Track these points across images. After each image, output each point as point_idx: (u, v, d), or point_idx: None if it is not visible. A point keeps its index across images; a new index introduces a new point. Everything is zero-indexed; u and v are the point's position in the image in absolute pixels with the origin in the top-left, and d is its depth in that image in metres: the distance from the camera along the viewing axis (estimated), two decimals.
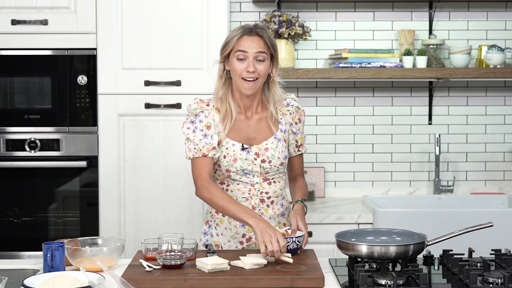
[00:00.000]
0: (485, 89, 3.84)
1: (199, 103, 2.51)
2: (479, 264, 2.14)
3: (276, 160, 2.47)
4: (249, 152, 2.45)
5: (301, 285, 2.00)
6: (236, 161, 2.45)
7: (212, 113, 2.49)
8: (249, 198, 2.48)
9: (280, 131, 2.52)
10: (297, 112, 2.59)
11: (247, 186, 2.48)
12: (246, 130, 2.50)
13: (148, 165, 3.34)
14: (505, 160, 3.86)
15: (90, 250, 2.19)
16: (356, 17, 3.80)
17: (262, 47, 2.42)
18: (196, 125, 2.48)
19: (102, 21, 3.30)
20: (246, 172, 2.46)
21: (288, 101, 2.58)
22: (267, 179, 2.49)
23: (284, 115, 2.55)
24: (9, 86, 3.38)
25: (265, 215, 2.48)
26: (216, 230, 2.53)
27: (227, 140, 2.46)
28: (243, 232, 2.48)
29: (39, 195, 3.40)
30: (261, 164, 2.46)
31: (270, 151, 2.47)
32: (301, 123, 2.60)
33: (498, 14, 3.81)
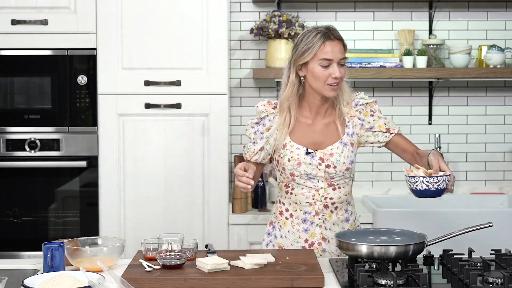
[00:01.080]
0: (485, 89, 3.84)
1: (265, 105, 2.52)
2: (479, 264, 2.14)
3: (341, 166, 2.43)
4: (314, 157, 2.42)
5: (301, 285, 2.00)
6: (300, 165, 2.43)
7: (277, 117, 2.49)
8: (312, 203, 2.46)
9: (347, 135, 2.46)
10: (366, 107, 2.51)
11: (311, 191, 2.45)
12: (312, 134, 2.46)
13: (148, 165, 3.34)
14: (505, 160, 3.86)
15: (90, 250, 2.18)
16: (356, 17, 3.80)
17: (342, 52, 2.40)
18: (259, 128, 2.50)
19: (102, 21, 3.30)
20: (311, 177, 2.43)
21: (357, 101, 2.51)
22: (332, 185, 2.45)
23: (353, 117, 2.49)
24: (9, 86, 3.38)
25: (329, 220, 2.47)
26: (280, 232, 2.52)
27: (292, 143, 2.45)
28: (306, 237, 2.47)
29: (39, 195, 3.40)
30: (326, 169, 2.42)
31: (335, 156, 2.42)
32: (376, 113, 2.52)
33: (498, 14, 3.81)
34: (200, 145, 3.33)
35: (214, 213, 3.33)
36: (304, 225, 2.47)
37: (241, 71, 3.81)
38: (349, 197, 2.53)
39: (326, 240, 2.47)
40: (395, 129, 2.51)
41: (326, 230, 2.47)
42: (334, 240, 2.45)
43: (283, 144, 2.45)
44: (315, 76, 2.40)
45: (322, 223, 2.46)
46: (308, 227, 2.47)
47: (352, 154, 2.46)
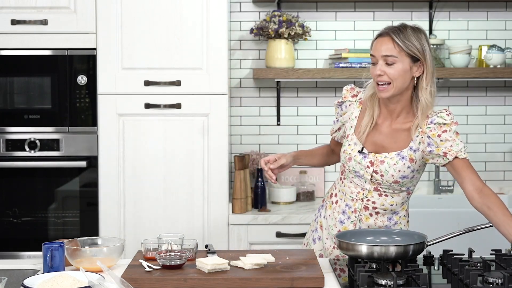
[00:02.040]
0: (485, 89, 3.84)
1: (348, 91, 2.51)
2: (479, 264, 2.13)
3: (389, 177, 2.35)
4: (365, 157, 2.38)
5: (301, 285, 2.00)
6: (350, 161, 2.41)
7: (353, 106, 2.48)
8: (354, 200, 2.45)
9: (410, 149, 2.35)
10: (441, 127, 2.31)
11: (357, 188, 2.43)
12: (377, 135, 2.41)
13: (148, 165, 3.34)
14: (505, 160, 3.86)
15: (90, 250, 2.18)
16: (356, 17, 3.80)
17: (390, 49, 2.28)
18: (338, 111, 2.53)
19: (102, 21, 3.30)
20: (358, 175, 2.41)
21: (433, 119, 2.32)
22: (378, 190, 2.40)
23: (423, 133, 2.33)
24: (9, 86, 3.38)
25: (364, 222, 2.44)
26: (325, 212, 2.55)
27: (353, 136, 2.43)
28: (340, 228, 2.46)
29: (39, 195, 3.40)
30: (373, 174, 2.37)
31: (385, 165, 2.35)
32: (447, 133, 2.31)
33: (498, 14, 3.81)
34: (200, 145, 3.33)
35: (214, 213, 3.33)
36: (342, 216, 2.47)
37: (241, 71, 3.81)
38: (397, 207, 2.43)
39: None
40: (453, 155, 2.31)
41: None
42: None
43: (347, 135, 2.46)
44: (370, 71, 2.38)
45: (357, 222, 2.45)
46: (344, 219, 2.47)
47: (408, 169, 2.35)
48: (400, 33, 2.30)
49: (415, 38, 2.31)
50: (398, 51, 2.29)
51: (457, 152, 2.32)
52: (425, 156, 2.37)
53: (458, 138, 2.34)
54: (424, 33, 2.37)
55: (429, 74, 2.33)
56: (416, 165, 2.37)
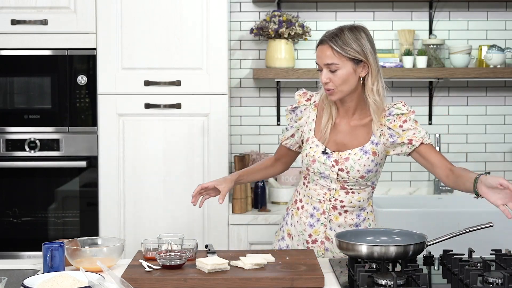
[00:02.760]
0: (485, 89, 3.84)
1: (301, 96, 2.51)
2: (479, 264, 2.14)
3: (355, 173, 2.38)
4: (329, 157, 2.40)
5: (301, 285, 2.00)
6: (314, 163, 2.42)
7: (309, 109, 2.48)
8: (322, 201, 2.45)
9: (371, 142, 2.39)
10: (400, 118, 2.37)
11: (323, 189, 2.44)
12: (337, 134, 2.43)
13: (148, 165, 3.34)
14: (505, 160, 3.86)
15: (90, 250, 2.18)
16: (356, 17, 3.80)
17: (330, 57, 2.31)
18: (292, 117, 2.52)
19: (102, 21, 3.30)
20: (324, 176, 2.42)
21: (391, 111, 2.39)
22: (345, 188, 2.42)
23: (382, 126, 2.38)
24: (9, 86, 3.38)
25: (335, 222, 2.45)
26: (291, 219, 2.54)
27: (313, 139, 2.44)
28: (310, 232, 2.47)
29: (39, 195, 3.40)
30: (339, 173, 2.39)
31: (350, 162, 2.38)
32: (408, 123, 2.36)
33: (498, 14, 3.81)
34: (200, 145, 3.33)
35: (214, 213, 3.33)
36: (310, 219, 2.47)
37: (241, 71, 3.81)
38: (364, 203, 2.47)
39: (330, 240, 2.46)
40: (418, 141, 2.36)
41: (330, 230, 2.46)
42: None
43: (307, 138, 2.46)
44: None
45: (327, 223, 2.46)
46: (313, 223, 2.47)
47: (372, 163, 2.38)
48: (338, 39, 2.31)
49: (353, 41, 2.32)
50: (338, 57, 2.31)
51: (422, 138, 2.37)
52: (387, 149, 2.42)
53: (418, 125, 2.39)
54: (363, 31, 2.36)
55: (374, 73, 2.35)
56: (378, 158, 2.41)
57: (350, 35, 2.32)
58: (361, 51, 2.32)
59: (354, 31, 2.34)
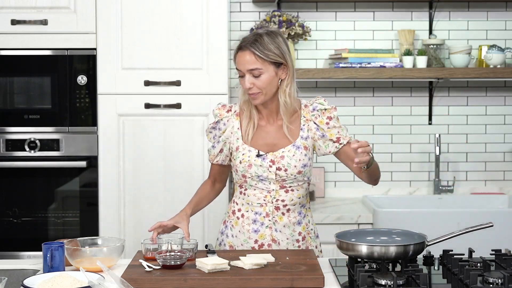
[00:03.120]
0: (485, 89, 3.84)
1: (220, 109, 2.54)
2: (479, 264, 2.14)
3: (293, 169, 2.42)
4: (264, 159, 2.43)
5: (301, 285, 2.00)
6: (251, 167, 2.43)
7: (232, 120, 2.50)
8: (263, 205, 2.46)
9: (301, 138, 2.46)
10: (324, 113, 2.48)
11: (263, 193, 2.46)
12: (266, 136, 2.47)
13: (148, 165, 3.34)
14: (505, 160, 3.86)
15: (90, 250, 2.18)
16: (356, 17, 3.80)
17: (253, 62, 2.36)
18: (216, 133, 2.53)
19: (102, 21, 3.30)
20: (262, 179, 2.44)
21: (315, 106, 2.49)
22: (284, 187, 2.45)
23: (309, 121, 2.47)
24: (9, 86, 3.38)
25: (279, 223, 2.47)
26: (232, 231, 2.53)
27: (244, 146, 2.46)
28: (256, 237, 2.47)
29: (39, 195, 3.40)
30: (277, 172, 2.42)
31: (286, 159, 2.42)
32: (332, 120, 2.47)
33: (498, 14, 3.81)
34: (200, 145, 3.33)
35: (214, 213, 3.33)
36: (254, 225, 2.47)
37: None
38: (303, 199, 2.52)
39: (276, 242, 2.47)
40: (345, 139, 2.47)
41: (276, 232, 2.47)
42: (284, 242, 2.47)
43: (236, 147, 2.47)
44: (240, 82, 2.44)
45: (272, 224, 2.47)
46: (258, 228, 2.47)
47: (305, 157, 2.45)
48: (258, 44, 2.37)
49: (272, 45, 2.38)
50: (261, 62, 2.36)
51: (348, 136, 2.48)
52: (315, 143, 2.49)
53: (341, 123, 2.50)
54: (279, 34, 2.43)
55: (290, 75, 2.43)
56: (310, 153, 2.48)
57: (269, 40, 2.38)
58: (281, 54, 2.39)
59: (272, 35, 2.41)
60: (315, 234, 2.58)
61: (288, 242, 2.47)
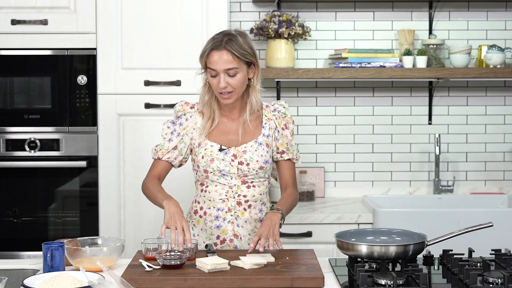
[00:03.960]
0: (485, 89, 3.84)
1: (183, 105, 2.55)
2: (479, 264, 2.14)
3: (255, 164, 2.46)
4: (227, 153, 2.46)
5: (301, 285, 2.00)
6: (213, 162, 2.45)
7: (195, 116, 2.52)
8: (225, 200, 2.48)
9: (263, 135, 2.51)
10: (284, 119, 2.55)
11: (225, 188, 2.48)
12: (228, 132, 2.50)
13: (148, 165, 3.32)
14: (505, 160, 3.86)
15: (90, 250, 2.19)
16: (356, 17, 3.80)
17: (230, 62, 2.37)
18: (176, 127, 2.52)
19: (102, 21, 3.30)
20: (224, 174, 2.46)
21: (276, 107, 2.56)
22: (245, 182, 2.48)
23: (270, 120, 2.53)
24: (9, 86, 3.38)
25: (241, 218, 2.48)
26: (193, 231, 2.54)
27: (206, 141, 2.48)
28: (218, 233, 2.49)
29: (39, 195, 3.40)
30: (239, 166, 2.45)
31: (248, 154, 2.46)
32: (288, 130, 2.55)
33: (498, 14, 3.81)
34: None
35: None
36: (216, 222, 2.49)
37: None
38: (264, 197, 2.54)
39: (238, 237, 2.48)
40: (288, 156, 2.53)
41: (238, 227, 2.48)
42: (246, 238, 2.49)
43: (199, 143, 2.49)
44: (209, 83, 2.45)
45: (234, 219, 2.48)
46: (220, 223, 2.48)
47: (267, 154, 2.49)
48: (234, 44, 2.39)
49: (246, 45, 2.42)
50: (238, 62, 2.39)
51: (293, 156, 2.55)
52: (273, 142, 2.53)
53: (293, 139, 2.57)
54: (247, 35, 2.48)
55: (259, 74, 2.49)
56: (270, 150, 2.52)
57: (242, 40, 2.42)
58: (253, 54, 2.44)
59: (243, 35, 2.45)
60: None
61: (250, 238, 2.49)
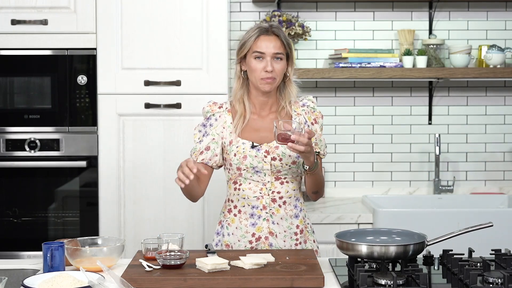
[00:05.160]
0: (485, 89, 3.84)
1: (211, 106, 2.56)
2: (479, 264, 2.14)
3: (287, 158, 2.45)
4: (259, 150, 2.45)
5: (301, 285, 2.00)
6: (246, 159, 2.44)
7: (224, 115, 2.52)
8: (260, 197, 2.47)
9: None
10: (313, 113, 2.56)
11: (259, 185, 2.47)
12: (259, 129, 2.50)
13: (148, 165, 3.34)
14: (505, 160, 3.86)
15: (90, 250, 2.19)
16: (356, 17, 3.80)
17: (279, 47, 2.44)
18: (207, 129, 2.53)
19: (102, 21, 3.30)
20: (257, 170, 2.45)
21: (305, 102, 2.57)
22: (279, 178, 2.47)
23: (299, 115, 2.53)
24: (9, 86, 3.38)
25: (276, 215, 2.48)
26: (228, 230, 2.52)
27: (237, 139, 2.47)
28: (253, 231, 2.47)
29: (39, 195, 3.40)
30: (272, 162, 2.44)
31: (281, 149, 2.44)
32: (317, 124, 2.55)
33: (498, 14, 3.81)
34: None
35: (214, 213, 3.33)
36: (251, 219, 2.48)
37: None
38: (297, 193, 2.54)
39: (274, 234, 2.48)
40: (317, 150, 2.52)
41: (273, 224, 2.47)
42: (281, 235, 2.48)
43: (230, 141, 2.49)
44: (251, 69, 2.46)
45: (269, 217, 2.47)
46: (255, 221, 2.48)
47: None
48: (281, 32, 2.48)
49: (287, 36, 2.53)
50: (283, 49, 2.47)
51: (322, 149, 2.56)
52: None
53: (322, 135, 2.57)
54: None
55: (293, 68, 2.54)
56: None
57: (284, 32, 2.50)
58: (291, 46, 2.52)
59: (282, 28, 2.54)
60: (311, 228, 2.59)
61: (285, 235, 2.48)
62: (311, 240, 2.56)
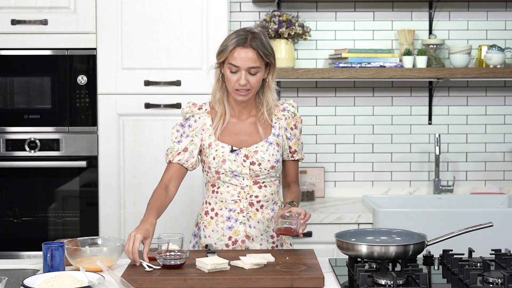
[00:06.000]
0: (485, 89, 3.84)
1: (191, 107, 2.55)
2: (479, 264, 2.14)
3: (266, 163, 2.46)
4: (238, 154, 2.45)
5: (301, 285, 2.00)
6: (225, 162, 2.45)
7: (203, 117, 2.52)
8: (237, 201, 2.47)
9: (273, 135, 2.51)
10: (293, 118, 2.56)
11: (237, 189, 2.47)
12: (238, 133, 2.50)
13: (148, 165, 3.34)
14: (505, 160, 3.86)
15: (90, 250, 2.19)
16: (356, 17, 3.80)
17: (254, 60, 2.38)
18: (185, 130, 2.52)
19: (102, 21, 3.30)
20: (236, 174, 2.45)
21: (285, 106, 2.56)
22: (257, 182, 2.48)
23: (279, 119, 2.53)
24: (9, 86, 3.38)
25: (254, 219, 2.48)
26: (204, 232, 2.53)
27: (217, 142, 2.47)
28: (230, 234, 2.48)
29: (39, 195, 3.40)
30: (251, 167, 2.45)
31: (260, 154, 2.45)
32: (297, 130, 2.57)
33: (498, 14, 3.81)
34: None
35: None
36: (228, 222, 2.48)
37: None
38: (275, 196, 2.54)
39: (250, 238, 2.48)
40: (298, 156, 2.57)
41: (250, 228, 2.48)
42: (258, 238, 2.48)
43: (209, 144, 2.48)
44: (226, 78, 2.44)
45: (246, 220, 2.47)
46: (232, 224, 2.48)
47: (277, 153, 2.50)
48: (260, 43, 2.41)
49: (267, 44, 2.44)
50: (261, 61, 2.41)
51: (302, 155, 2.60)
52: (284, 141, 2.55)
53: (301, 138, 2.60)
54: (266, 33, 2.48)
55: (274, 73, 2.49)
56: (280, 150, 2.53)
57: (265, 40, 2.44)
58: (273, 53, 2.46)
59: (264, 34, 2.45)
60: None
61: (262, 238, 2.49)
62: (288, 243, 2.57)
